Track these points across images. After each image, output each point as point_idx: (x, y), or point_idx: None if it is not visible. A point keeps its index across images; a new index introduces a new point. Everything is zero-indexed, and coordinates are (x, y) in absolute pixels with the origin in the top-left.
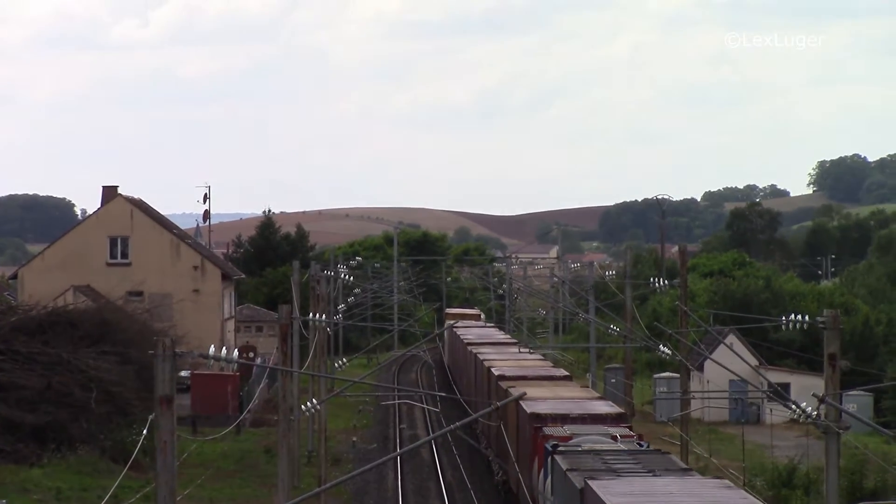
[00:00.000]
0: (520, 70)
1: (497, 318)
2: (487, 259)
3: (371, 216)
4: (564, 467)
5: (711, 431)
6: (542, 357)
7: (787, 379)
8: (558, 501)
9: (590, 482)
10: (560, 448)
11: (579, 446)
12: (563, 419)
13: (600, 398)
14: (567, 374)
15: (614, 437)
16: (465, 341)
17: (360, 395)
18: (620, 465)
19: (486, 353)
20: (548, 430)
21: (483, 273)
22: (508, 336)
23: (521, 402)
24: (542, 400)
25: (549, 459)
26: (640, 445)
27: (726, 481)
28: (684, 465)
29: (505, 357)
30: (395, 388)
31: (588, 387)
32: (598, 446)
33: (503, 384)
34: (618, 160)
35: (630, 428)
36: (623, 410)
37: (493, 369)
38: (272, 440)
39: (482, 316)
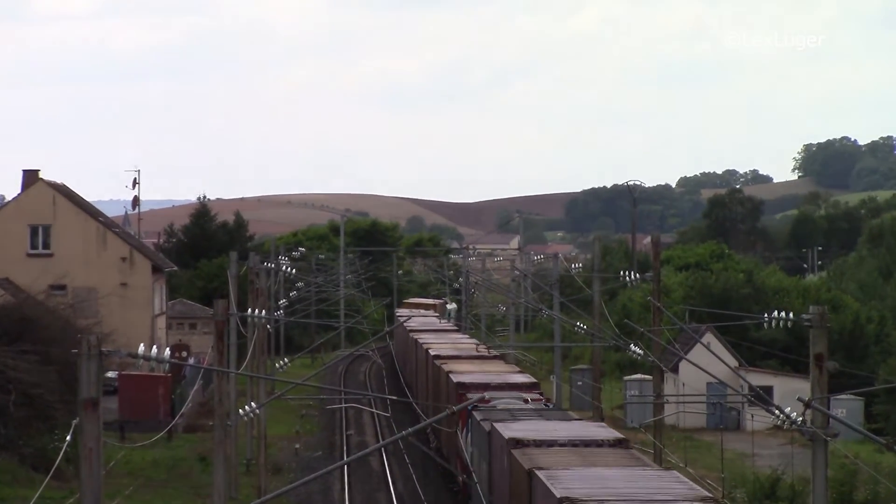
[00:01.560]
0: (478, 45)
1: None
2: (442, 250)
3: (315, 203)
4: (478, 419)
5: (687, 439)
6: (478, 342)
7: (770, 381)
8: (475, 447)
9: (495, 424)
10: (478, 407)
11: (495, 406)
12: (485, 387)
13: (520, 372)
14: (497, 354)
15: (526, 400)
16: (408, 329)
17: (304, 399)
18: (523, 415)
19: (425, 338)
20: (470, 395)
21: (438, 266)
22: (450, 323)
23: (449, 374)
24: (469, 373)
25: (469, 417)
26: (547, 406)
27: (602, 424)
28: (576, 416)
29: (443, 341)
30: (341, 390)
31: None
32: (510, 406)
33: (437, 362)
34: (585, 143)
35: (541, 394)
36: (536, 380)
37: (430, 350)
38: (207, 447)
39: (452, 306)
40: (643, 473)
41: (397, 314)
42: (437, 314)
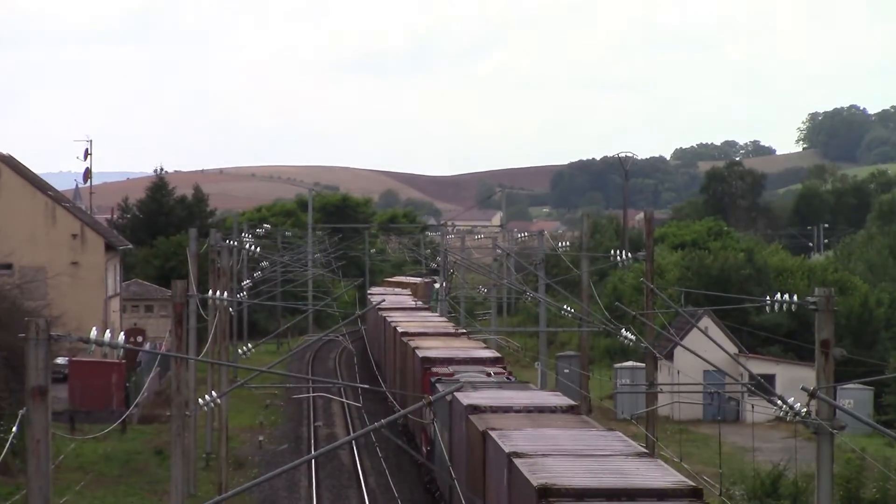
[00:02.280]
0: (457, 8)
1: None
2: (418, 227)
3: (281, 176)
4: (441, 390)
5: (682, 431)
6: (446, 319)
7: (772, 369)
8: (437, 418)
9: (455, 394)
10: (442, 380)
11: (458, 379)
12: (450, 361)
13: (486, 348)
14: (465, 331)
15: (489, 374)
16: (378, 308)
17: (269, 388)
18: (484, 386)
19: (394, 316)
20: (435, 369)
21: (413, 244)
22: (420, 302)
23: (415, 349)
24: (435, 349)
25: (433, 390)
26: (508, 379)
27: (557, 392)
28: (535, 387)
29: (412, 319)
30: (309, 378)
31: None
32: (473, 379)
33: (405, 339)
34: (573, 113)
35: (504, 368)
36: (500, 356)
37: (398, 327)
38: (164, 440)
39: (440, 286)
40: (588, 433)
41: (370, 296)
42: (415, 298)
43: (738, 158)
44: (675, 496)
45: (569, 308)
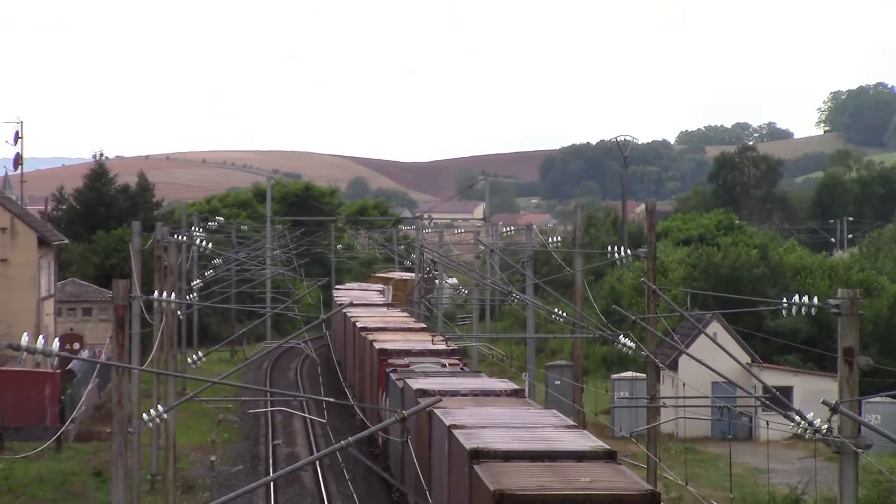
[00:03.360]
0: None
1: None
2: (391, 220)
3: (236, 162)
4: (394, 378)
5: (688, 450)
6: (408, 315)
7: (790, 381)
8: (391, 404)
9: (406, 380)
10: (397, 370)
11: (413, 369)
12: (406, 353)
13: (443, 341)
14: (424, 326)
15: (444, 364)
16: (338, 303)
17: (221, 401)
18: (436, 374)
19: (354, 312)
20: (391, 361)
21: (385, 239)
22: (386, 299)
23: (372, 342)
24: (392, 342)
25: (388, 379)
26: (462, 369)
27: (505, 380)
28: (486, 376)
29: (374, 315)
30: (267, 390)
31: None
32: (427, 369)
33: (363, 333)
34: (565, 91)
35: (460, 359)
36: (456, 347)
37: (357, 323)
38: (104, 459)
39: (453, 280)
40: (525, 411)
41: (335, 297)
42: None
43: (751, 143)
44: (592, 457)
45: (560, 312)
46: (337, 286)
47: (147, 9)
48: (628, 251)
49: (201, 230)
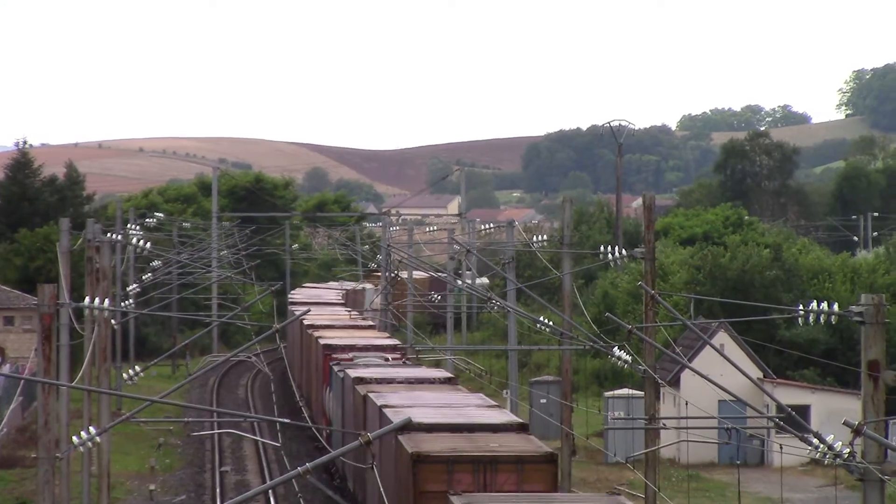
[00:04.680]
0: None
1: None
2: (353, 216)
3: (178, 151)
4: (335, 370)
5: (692, 478)
6: (359, 314)
7: (807, 399)
8: (333, 397)
9: (346, 370)
10: (339, 363)
11: (355, 362)
12: (351, 349)
13: (388, 337)
14: (372, 324)
15: (386, 359)
16: (290, 302)
17: (162, 422)
18: (376, 366)
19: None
20: (336, 356)
21: (347, 237)
22: (340, 296)
23: (317, 338)
24: (337, 338)
25: (332, 373)
26: (404, 363)
27: (441, 370)
28: (425, 367)
29: (324, 313)
30: (213, 410)
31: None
32: (369, 362)
33: (309, 331)
34: (551, 71)
35: (403, 354)
36: (398, 342)
37: (304, 320)
38: (28, 488)
39: (483, 280)
40: (453, 395)
41: (290, 304)
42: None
43: (763, 128)
44: (505, 429)
45: (546, 320)
46: (293, 292)
47: None
48: (623, 251)
49: (138, 228)
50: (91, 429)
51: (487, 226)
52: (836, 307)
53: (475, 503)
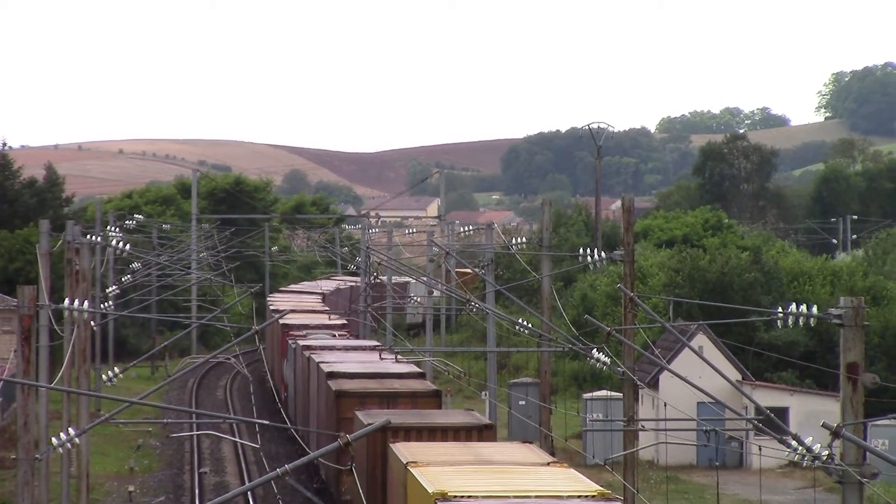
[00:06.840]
0: None
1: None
2: (332, 219)
3: (157, 153)
4: (290, 344)
5: (671, 479)
6: (320, 301)
7: (785, 401)
8: (289, 367)
9: (298, 341)
10: (295, 339)
11: (307, 337)
12: (305, 327)
13: (338, 317)
14: (327, 309)
15: (334, 335)
16: (272, 309)
17: (141, 423)
18: (324, 341)
19: (275, 299)
20: (292, 333)
21: (327, 240)
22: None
23: (278, 321)
24: (295, 320)
25: (288, 347)
26: (349, 338)
27: (377, 342)
28: (367, 340)
29: (292, 300)
30: (192, 412)
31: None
32: (319, 337)
33: (274, 315)
34: (530, 73)
35: (349, 332)
36: (346, 321)
37: (270, 306)
38: (8, 489)
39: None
40: (374, 356)
41: (270, 305)
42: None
43: (742, 130)
44: (408, 377)
45: (525, 322)
46: (272, 295)
47: None
48: (602, 254)
49: (118, 230)
50: (70, 430)
51: (466, 228)
52: (814, 310)
53: (371, 415)
